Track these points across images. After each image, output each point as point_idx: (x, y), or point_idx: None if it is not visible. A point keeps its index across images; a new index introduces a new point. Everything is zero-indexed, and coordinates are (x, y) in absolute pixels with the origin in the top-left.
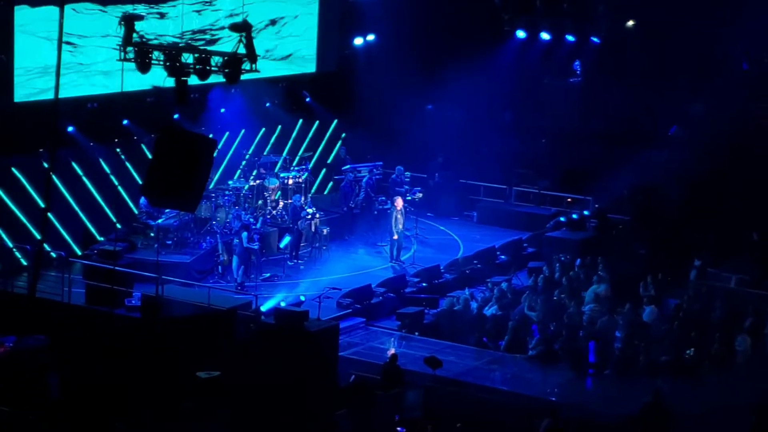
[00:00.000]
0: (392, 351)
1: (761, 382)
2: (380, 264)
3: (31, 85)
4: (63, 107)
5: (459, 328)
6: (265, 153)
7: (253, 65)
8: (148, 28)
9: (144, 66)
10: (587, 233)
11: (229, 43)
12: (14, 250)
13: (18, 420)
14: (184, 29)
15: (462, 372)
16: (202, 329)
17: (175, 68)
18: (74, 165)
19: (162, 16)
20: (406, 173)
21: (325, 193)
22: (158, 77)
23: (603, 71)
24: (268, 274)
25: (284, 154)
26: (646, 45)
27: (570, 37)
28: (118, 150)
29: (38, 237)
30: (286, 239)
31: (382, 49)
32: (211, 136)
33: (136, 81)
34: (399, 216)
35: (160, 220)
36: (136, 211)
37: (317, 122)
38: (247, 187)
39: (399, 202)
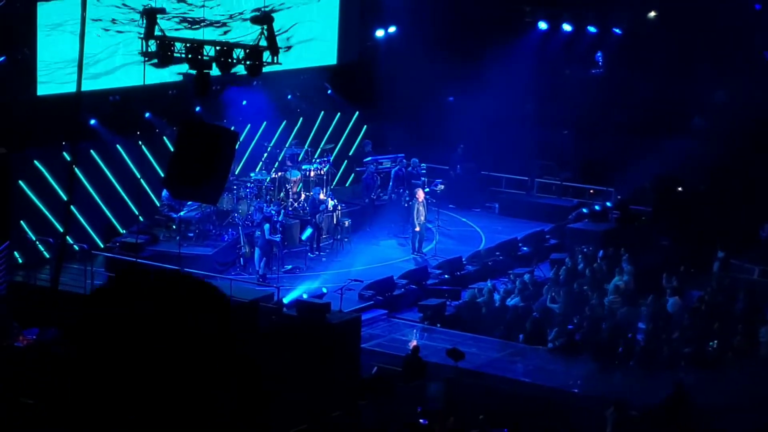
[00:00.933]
0: (414, 343)
1: None
2: (402, 256)
3: (53, 78)
4: (85, 100)
5: (481, 319)
6: (287, 145)
7: (275, 57)
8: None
9: (166, 59)
10: (609, 225)
11: (250, 35)
12: (37, 242)
13: (41, 412)
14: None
15: (484, 364)
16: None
17: (196, 61)
18: (96, 158)
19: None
20: (422, 165)
21: (347, 185)
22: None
23: (625, 62)
24: (289, 266)
25: (306, 146)
26: (668, 36)
27: (592, 29)
28: (140, 143)
29: (61, 230)
30: (308, 231)
31: (404, 40)
32: (232, 128)
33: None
34: (421, 208)
35: (182, 213)
36: (158, 204)
37: (339, 114)
38: (268, 179)
39: (420, 194)
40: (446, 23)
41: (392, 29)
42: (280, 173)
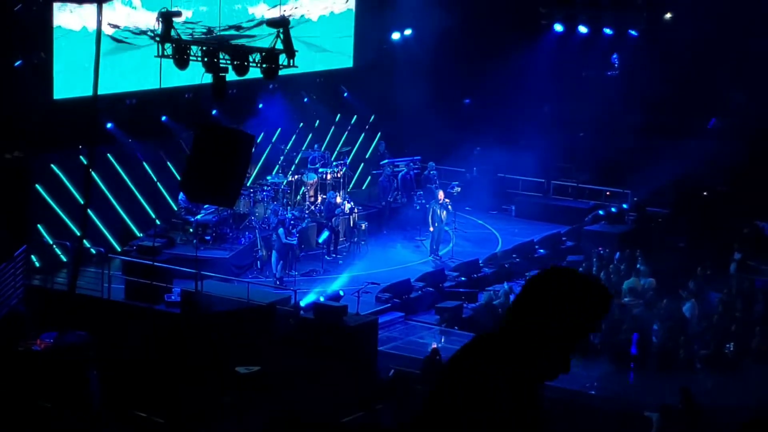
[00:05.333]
0: (434, 345)
1: None
2: (419, 258)
3: (69, 82)
4: (101, 104)
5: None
6: (303, 148)
7: (291, 61)
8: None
9: (182, 62)
10: (626, 227)
11: (266, 38)
12: (54, 246)
13: (58, 415)
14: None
15: None
16: (241, 324)
17: (213, 64)
18: (113, 161)
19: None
20: (431, 165)
21: (363, 188)
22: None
23: (641, 64)
24: (306, 269)
25: (322, 149)
26: (684, 37)
27: (608, 30)
28: (156, 146)
29: (78, 233)
30: (325, 234)
31: (420, 43)
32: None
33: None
34: (438, 210)
35: (198, 216)
36: (174, 207)
37: (355, 117)
38: (285, 182)
39: (441, 195)
40: (462, 26)
41: (408, 32)
42: (296, 176)
